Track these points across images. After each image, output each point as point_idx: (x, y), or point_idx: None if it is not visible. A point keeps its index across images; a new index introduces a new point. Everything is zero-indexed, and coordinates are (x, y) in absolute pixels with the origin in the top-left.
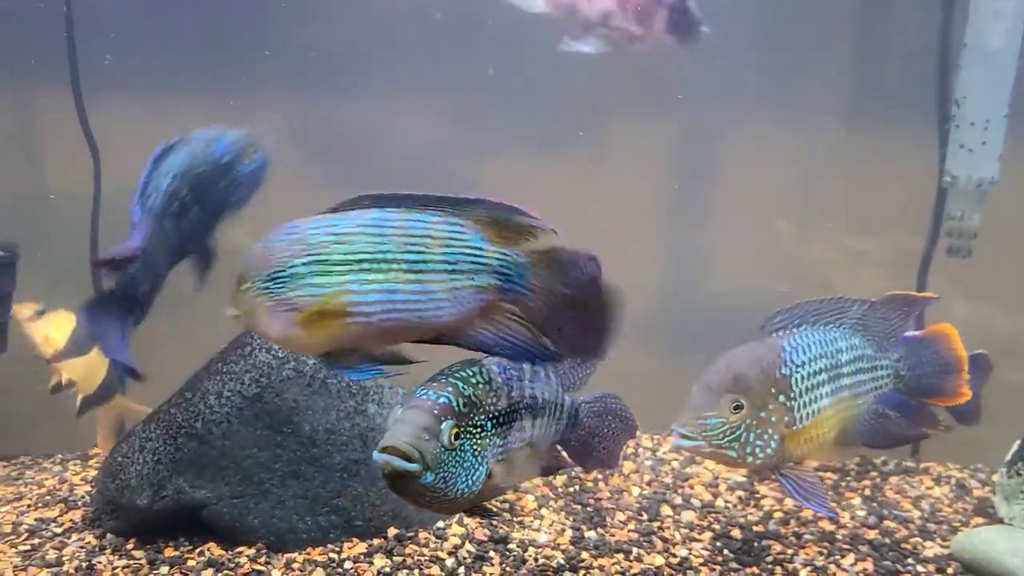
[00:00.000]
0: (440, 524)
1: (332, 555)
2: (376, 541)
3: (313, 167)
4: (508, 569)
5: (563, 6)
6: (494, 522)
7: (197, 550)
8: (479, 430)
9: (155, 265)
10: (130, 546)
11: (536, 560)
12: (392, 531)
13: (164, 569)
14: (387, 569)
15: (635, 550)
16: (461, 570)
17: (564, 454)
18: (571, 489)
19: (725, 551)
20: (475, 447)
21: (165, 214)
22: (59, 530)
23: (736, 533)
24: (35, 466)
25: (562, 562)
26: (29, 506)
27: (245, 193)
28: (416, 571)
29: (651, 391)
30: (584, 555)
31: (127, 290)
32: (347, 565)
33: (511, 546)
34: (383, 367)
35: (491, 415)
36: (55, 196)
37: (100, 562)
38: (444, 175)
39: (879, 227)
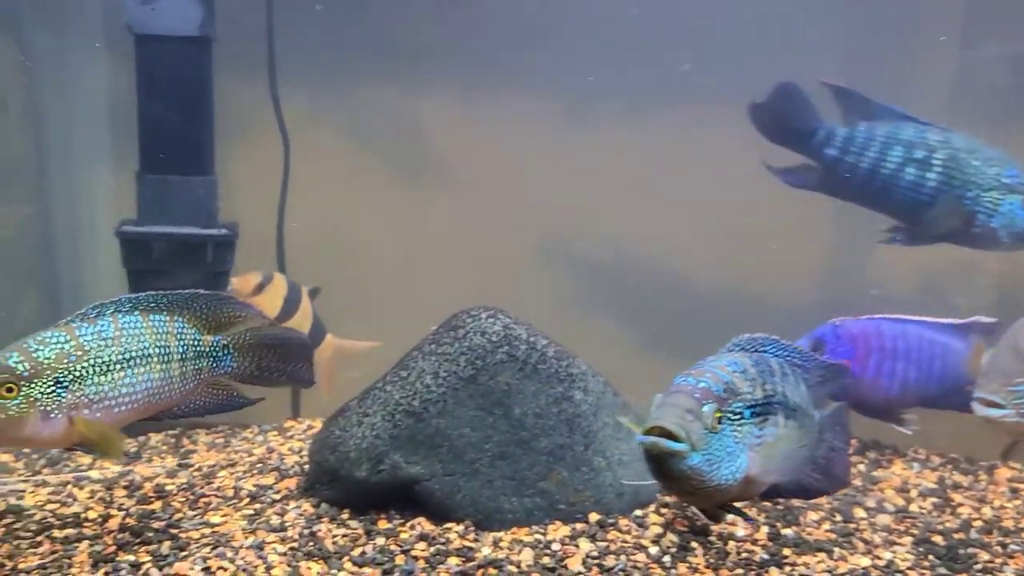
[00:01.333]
0: (638, 512)
1: (538, 536)
2: (578, 526)
3: None
4: (712, 561)
5: None
6: (688, 513)
7: (408, 523)
8: (738, 417)
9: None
10: (345, 516)
11: (739, 554)
12: (594, 517)
13: (380, 540)
14: (594, 553)
15: (837, 550)
16: (667, 559)
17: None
18: None
19: (930, 556)
20: (735, 433)
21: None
22: (277, 497)
23: (937, 539)
24: (235, 435)
25: (765, 557)
26: (245, 472)
27: (1004, 223)
28: (623, 557)
29: None
30: (786, 551)
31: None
32: (555, 547)
33: (711, 538)
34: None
35: (748, 403)
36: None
37: (320, 530)
38: (634, 164)
39: None
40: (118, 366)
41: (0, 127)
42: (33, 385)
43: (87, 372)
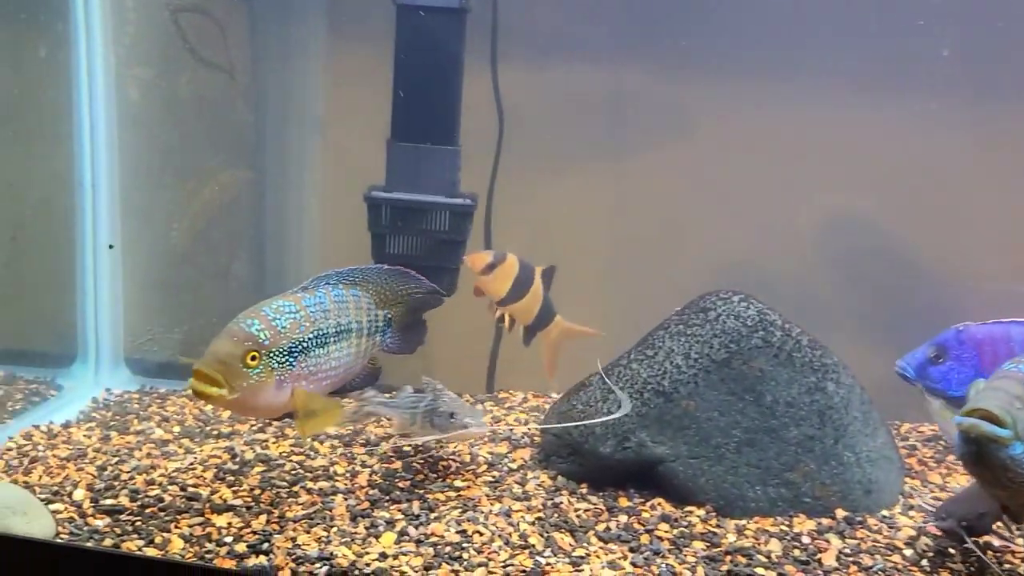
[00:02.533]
0: (885, 513)
1: (783, 527)
2: (824, 521)
3: None
4: (972, 570)
5: None
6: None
7: (648, 503)
8: None
9: None
10: (583, 490)
11: (1000, 564)
12: (840, 513)
13: (623, 517)
14: (847, 550)
15: None
16: (924, 562)
17: None
18: None
19: None
20: None
21: None
22: (513, 466)
23: None
24: None
25: None
26: (476, 440)
27: None
28: (878, 557)
29: None
30: None
31: None
32: (804, 540)
33: (967, 546)
34: None
35: None
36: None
37: (562, 502)
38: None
39: None
40: (332, 339)
41: (227, 95)
42: (272, 354)
43: (311, 343)
